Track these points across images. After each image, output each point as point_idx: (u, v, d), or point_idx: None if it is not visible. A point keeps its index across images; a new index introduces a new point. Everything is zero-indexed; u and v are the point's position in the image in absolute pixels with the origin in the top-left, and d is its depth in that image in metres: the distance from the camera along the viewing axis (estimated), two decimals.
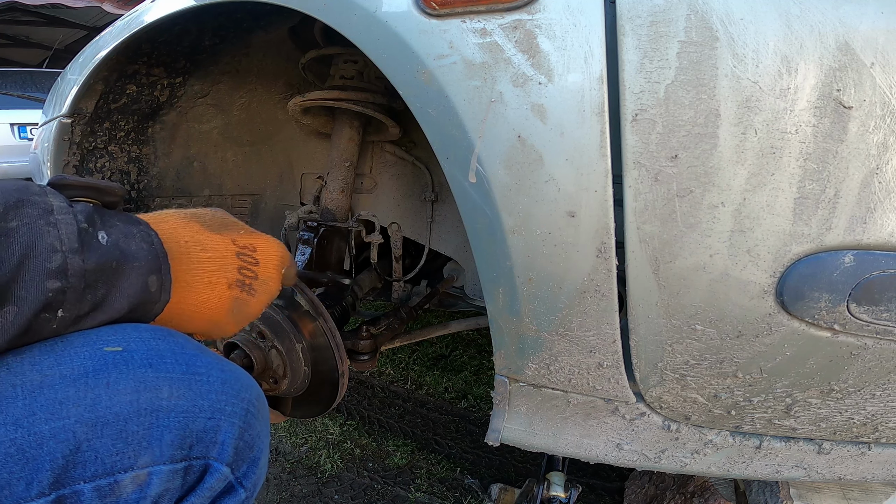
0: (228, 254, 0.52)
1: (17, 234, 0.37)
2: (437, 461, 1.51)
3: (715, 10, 0.47)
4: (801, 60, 0.47)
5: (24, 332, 0.37)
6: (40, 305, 0.37)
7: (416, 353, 2.09)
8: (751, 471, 0.72)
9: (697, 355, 0.62)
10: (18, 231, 0.37)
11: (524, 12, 0.51)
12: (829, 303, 0.54)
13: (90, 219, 0.42)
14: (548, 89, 0.52)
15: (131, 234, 0.44)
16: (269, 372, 0.97)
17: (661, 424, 0.71)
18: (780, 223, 0.52)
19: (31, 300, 0.37)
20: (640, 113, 0.51)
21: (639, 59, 0.49)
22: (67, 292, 0.39)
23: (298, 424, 1.66)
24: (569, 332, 0.65)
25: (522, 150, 0.55)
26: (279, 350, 0.93)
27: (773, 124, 0.48)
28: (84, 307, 0.41)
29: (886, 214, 0.50)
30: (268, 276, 0.55)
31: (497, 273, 0.63)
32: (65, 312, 0.39)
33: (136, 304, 0.44)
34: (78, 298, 0.40)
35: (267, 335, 0.92)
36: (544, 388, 0.73)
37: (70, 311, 0.40)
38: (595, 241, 0.57)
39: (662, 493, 1.16)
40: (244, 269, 0.53)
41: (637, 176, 0.53)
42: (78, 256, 0.39)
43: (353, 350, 1.01)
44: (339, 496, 1.38)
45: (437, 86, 0.55)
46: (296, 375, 0.95)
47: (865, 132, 0.48)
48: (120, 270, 0.42)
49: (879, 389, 0.60)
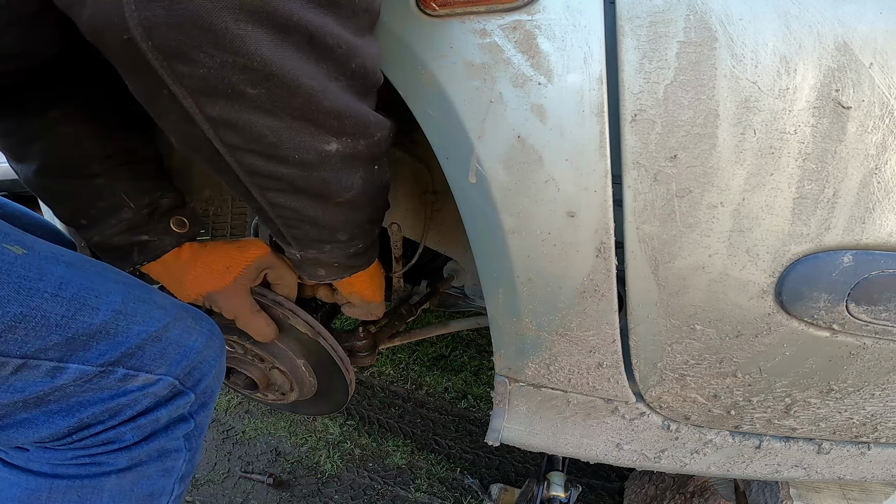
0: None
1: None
2: (437, 461, 1.51)
3: (714, 10, 0.47)
4: (799, 61, 0.47)
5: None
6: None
7: (415, 353, 2.09)
8: (750, 471, 0.72)
9: (697, 355, 0.62)
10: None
11: (524, 13, 0.51)
12: (828, 303, 0.54)
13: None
14: (547, 90, 0.52)
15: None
16: (274, 387, 0.97)
17: (660, 424, 0.71)
18: (779, 223, 0.52)
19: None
20: (639, 113, 0.51)
21: (638, 59, 0.49)
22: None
23: (298, 424, 1.66)
24: (568, 332, 0.65)
25: (522, 151, 0.55)
26: (281, 370, 0.92)
27: (772, 124, 0.49)
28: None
29: (885, 214, 0.50)
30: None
31: (497, 273, 0.63)
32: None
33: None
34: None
35: (265, 358, 0.91)
36: (544, 388, 0.73)
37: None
38: (594, 241, 0.57)
39: (662, 493, 1.16)
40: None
41: (636, 176, 0.53)
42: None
43: (351, 350, 1.01)
44: (339, 496, 1.39)
45: (437, 86, 0.55)
46: (303, 387, 0.95)
47: (864, 132, 0.48)
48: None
49: (879, 389, 0.60)
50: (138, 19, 0.37)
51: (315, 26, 0.41)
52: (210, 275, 0.76)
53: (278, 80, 0.42)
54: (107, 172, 0.69)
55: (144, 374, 0.59)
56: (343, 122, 0.48)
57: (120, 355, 0.57)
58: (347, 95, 0.48)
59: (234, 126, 0.45)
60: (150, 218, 0.74)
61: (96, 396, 0.57)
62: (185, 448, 0.67)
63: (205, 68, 0.40)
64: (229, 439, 1.61)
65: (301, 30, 0.41)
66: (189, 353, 0.64)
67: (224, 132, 0.46)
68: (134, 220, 0.72)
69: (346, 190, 0.55)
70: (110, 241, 0.73)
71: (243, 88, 0.42)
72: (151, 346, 0.60)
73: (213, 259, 0.77)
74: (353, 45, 0.45)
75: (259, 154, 0.48)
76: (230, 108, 0.43)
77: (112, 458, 0.60)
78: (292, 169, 0.50)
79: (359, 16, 0.45)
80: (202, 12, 0.37)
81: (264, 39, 0.40)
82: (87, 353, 0.54)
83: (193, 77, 0.40)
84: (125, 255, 0.75)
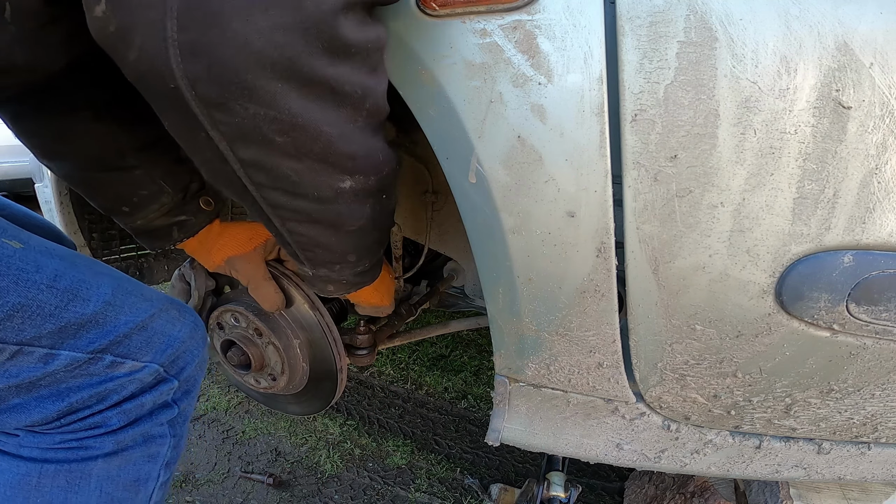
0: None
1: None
2: (437, 461, 1.51)
3: (714, 10, 0.47)
4: (800, 61, 0.47)
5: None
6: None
7: (416, 353, 2.09)
8: (750, 471, 0.72)
9: (697, 355, 0.62)
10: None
11: (524, 13, 0.51)
12: (828, 303, 0.54)
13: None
14: (547, 90, 0.52)
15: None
16: (267, 369, 0.97)
17: (660, 424, 0.71)
18: (779, 223, 0.52)
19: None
20: (639, 113, 0.51)
21: (638, 59, 0.49)
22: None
23: (298, 424, 1.66)
24: (569, 332, 0.65)
25: (522, 151, 0.55)
26: (276, 346, 0.92)
27: (773, 124, 0.49)
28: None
29: (885, 214, 0.50)
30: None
31: (497, 273, 0.63)
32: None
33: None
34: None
35: (263, 332, 0.92)
36: (544, 388, 0.73)
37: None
38: (595, 241, 0.57)
39: (662, 493, 1.16)
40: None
41: (636, 176, 0.53)
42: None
43: (351, 345, 1.01)
44: (339, 496, 1.39)
45: (437, 86, 0.55)
46: (294, 372, 0.95)
47: (864, 132, 0.48)
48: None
49: (879, 389, 0.60)
50: (184, 72, 0.41)
51: (336, 79, 0.46)
52: (235, 243, 0.88)
53: (303, 130, 0.48)
54: (144, 163, 0.76)
55: (131, 362, 0.63)
56: (357, 163, 0.54)
57: (108, 343, 0.60)
58: (362, 135, 0.53)
59: (262, 167, 0.51)
60: (185, 200, 0.82)
61: (85, 382, 0.60)
62: (170, 434, 0.71)
63: (240, 118, 0.45)
64: (229, 439, 1.61)
65: (324, 83, 0.46)
66: (173, 342, 0.67)
67: (253, 172, 0.51)
68: (172, 203, 0.81)
69: (358, 220, 0.61)
70: (152, 224, 0.81)
71: (272, 137, 0.47)
72: (138, 335, 0.63)
73: (239, 231, 0.89)
74: (367, 86, 0.50)
75: (283, 191, 0.54)
76: (260, 153, 0.49)
77: (98, 441, 0.63)
78: (311, 203, 0.55)
79: (371, 55, 0.49)
80: (240, 70, 0.42)
81: (292, 94, 0.45)
82: (77, 341, 0.58)
83: (230, 125, 0.46)
84: (166, 234, 0.83)
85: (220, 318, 0.97)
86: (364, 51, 0.48)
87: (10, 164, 4.19)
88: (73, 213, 1.07)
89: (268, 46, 0.41)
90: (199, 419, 1.70)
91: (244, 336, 0.95)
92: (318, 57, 0.44)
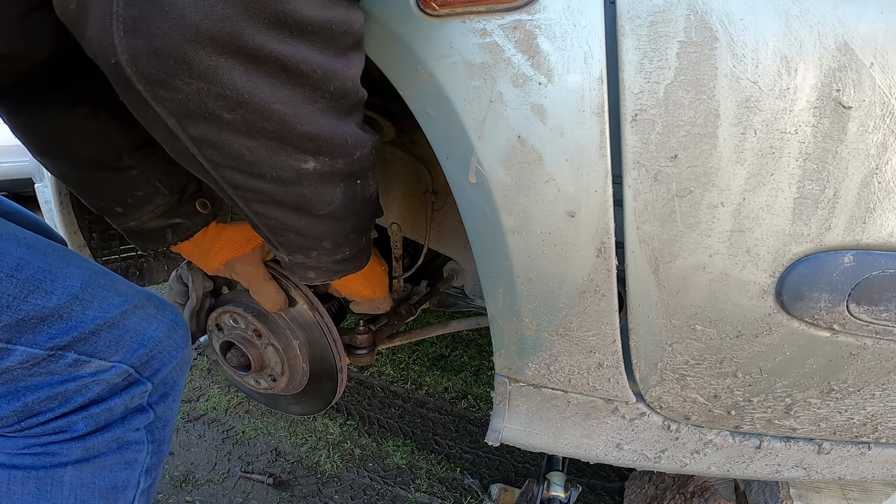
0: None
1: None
2: (437, 461, 1.51)
3: (714, 10, 0.47)
4: (800, 61, 0.47)
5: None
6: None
7: (416, 353, 2.09)
8: (751, 471, 0.72)
9: (697, 355, 0.62)
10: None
11: (524, 12, 0.51)
12: (828, 303, 0.54)
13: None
14: (548, 89, 0.52)
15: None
16: (267, 370, 0.97)
17: (660, 424, 0.71)
18: (779, 223, 0.52)
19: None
20: (639, 113, 0.51)
21: (638, 59, 0.49)
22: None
23: (298, 424, 1.66)
24: (569, 332, 0.65)
25: (522, 150, 0.55)
26: (276, 347, 0.92)
27: (773, 124, 0.49)
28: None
29: (886, 214, 0.50)
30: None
31: (497, 273, 0.63)
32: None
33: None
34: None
35: (263, 333, 0.92)
36: (544, 388, 0.73)
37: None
38: (595, 241, 0.57)
39: (662, 493, 1.16)
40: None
41: (637, 176, 0.53)
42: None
43: (350, 345, 1.01)
44: (339, 496, 1.39)
45: (437, 86, 0.55)
46: (294, 372, 0.95)
47: (865, 132, 0.48)
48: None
49: (879, 389, 0.60)
50: (125, 47, 0.40)
51: (286, 56, 0.45)
52: (232, 245, 0.86)
53: (251, 107, 0.46)
54: (140, 164, 0.74)
55: (97, 361, 0.59)
56: (318, 144, 0.51)
57: (71, 340, 0.57)
58: (326, 117, 0.51)
59: (213, 145, 0.49)
60: (181, 202, 0.81)
61: (44, 381, 0.57)
62: (148, 440, 0.67)
63: (183, 94, 0.44)
64: (229, 439, 1.61)
65: (272, 60, 0.44)
66: (147, 342, 0.64)
67: (206, 150, 0.50)
68: (167, 205, 0.79)
69: (326, 204, 0.58)
70: (146, 226, 0.80)
71: (219, 113, 0.45)
72: (107, 333, 0.60)
73: (236, 233, 0.87)
74: (330, 68, 0.48)
75: (239, 171, 0.52)
76: (209, 130, 0.47)
77: (65, 447, 0.60)
78: (271, 184, 0.53)
79: (337, 39, 0.47)
80: (177, 45, 0.40)
81: (236, 69, 0.43)
82: (36, 336, 0.55)
83: (174, 101, 0.44)
84: (159, 236, 0.81)
85: (219, 320, 0.97)
86: (326, 31, 0.46)
87: (10, 164, 4.19)
88: (72, 213, 1.07)
89: (206, 20, 0.40)
90: (199, 419, 1.70)
91: (243, 337, 0.95)
92: (263, 32, 0.42)
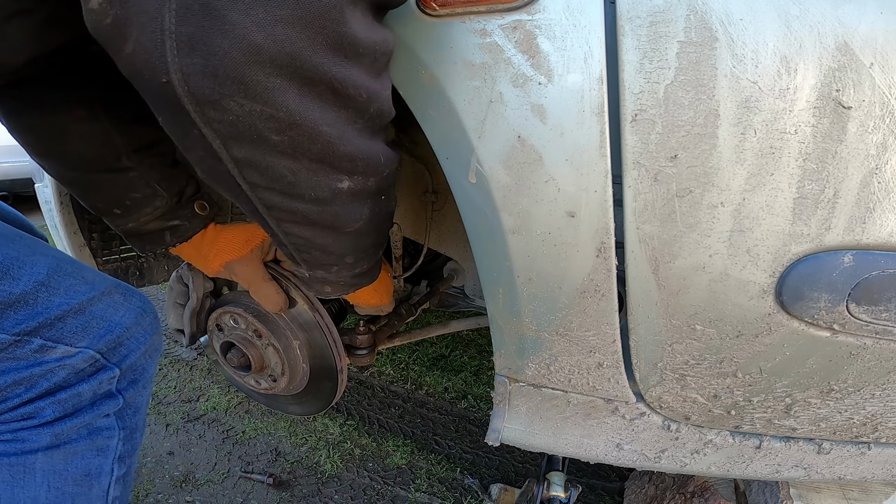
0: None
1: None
2: (437, 461, 1.51)
3: (714, 10, 0.47)
4: (800, 61, 0.47)
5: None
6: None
7: (416, 353, 2.09)
8: (751, 471, 0.72)
9: (697, 355, 0.62)
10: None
11: (524, 13, 0.51)
12: (828, 303, 0.54)
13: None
14: (547, 89, 0.52)
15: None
16: (267, 370, 0.97)
17: (660, 424, 0.71)
18: (779, 223, 0.52)
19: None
20: (639, 113, 0.51)
21: (638, 59, 0.49)
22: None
23: (298, 424, 1.66)
24: (569, 332, 0.65)
25: (522, 151, 0.55)
26: (276, 348, 0.92)
27: (773, 124, 0.49)
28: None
29: (886, 214, 0.50)
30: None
31: (497, 273, 0.63)
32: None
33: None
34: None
35: (263, 333, 0.92)
36: (544, 388, 0.73)
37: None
38: (595, 241, 0.57)
39: (662, 493, 1.16)
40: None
41: (637, 176, 0.53)
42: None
43: (350, 345, 1.01)
44: (339, 496, 1.39)
45: (437, 86, 0.55)
46: (294, 373, 0.95)
47: (865, 132, 0.48)
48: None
49: (879, 389, 0.60)
50: (178, 66, 0.40)
51: (339, 78, 0.45)
52: (231, 246, 0.86)
53: (300, 129, 0.46)
54: (138, 165, 0.74)
55: (63, 346, 0.60)
56: (356, 164, 0.52)
57: (37, 325, 0.58)
58: (362, 137, 0.51)
59: (257, 167, 0.49)
60: (179, 204, 0.80)
61: (10, 366, 0.58)
62: (118, 426, 0.68)
63: (234, 115, 0.43)
64: (229, 439, 1.61)
65: (325, 82, 0.44)
66: (114, 328, 0.65)
67: (247, 172, 0.49)
68: (165, 207, 0.79)
69: (355, 221, 0.59)
70: (144, 228, 0.79)
71: (268, 135, 0.45)
72: (73, 319, 0.61)
73: (234, 234, 0.87)
74: (373, 90, 0.49)
75: (278, 192, 0.52)
76: (254, 152, 0.47)
77: (34, 434, 0.61)
78: (308, 205, 0.54)
79: (379, 60, 0.48)
80: (237, 65, 0.40)
81: (291, 91, 0.43)
82: (2, 322, 0.56)
83: (223, 122, 0.44)
84: (157, 238, 0.81)
85: (219, 320, 0.97)
86: (372, 53, 0.47)
87: (9, 164, 4.19)
88: (73, 213, 1.07)
89: (267, 40, 0.40)
90: (199, 419, 1.70)
91: (243, 338, 0.95)
92: (321, 54, 0.42)
